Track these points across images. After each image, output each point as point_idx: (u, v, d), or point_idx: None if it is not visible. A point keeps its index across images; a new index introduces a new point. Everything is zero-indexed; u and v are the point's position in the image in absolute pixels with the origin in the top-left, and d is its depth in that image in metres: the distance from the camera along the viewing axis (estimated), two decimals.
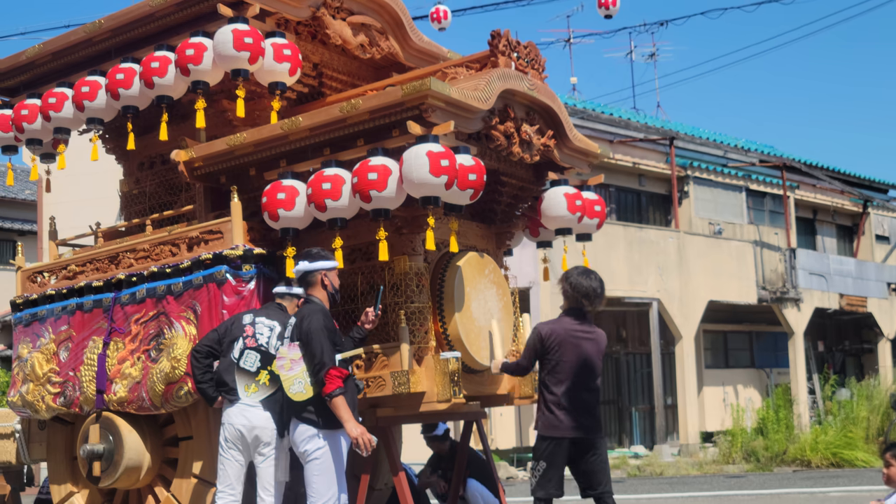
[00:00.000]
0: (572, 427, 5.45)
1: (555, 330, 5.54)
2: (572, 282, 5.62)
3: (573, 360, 5.49)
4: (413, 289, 5.70)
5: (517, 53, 6.03)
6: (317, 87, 6.84)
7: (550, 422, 5.48)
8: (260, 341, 5.51)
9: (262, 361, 5.48)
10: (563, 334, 5.52)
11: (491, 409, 15.31)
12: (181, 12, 6.22)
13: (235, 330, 5.57)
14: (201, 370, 5.59)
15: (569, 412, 5.45)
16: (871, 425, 17.83)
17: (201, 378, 5.59)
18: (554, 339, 5.50)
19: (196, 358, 5.61)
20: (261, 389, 5.47)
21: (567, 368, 5.49)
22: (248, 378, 5.49)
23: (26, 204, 24.05)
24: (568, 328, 5.55)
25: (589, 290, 5.59)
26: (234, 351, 5.52)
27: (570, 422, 5.45)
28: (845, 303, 22.52)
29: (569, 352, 5.50)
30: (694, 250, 19.20)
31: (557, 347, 5.49)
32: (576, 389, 5.49)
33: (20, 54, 6.96)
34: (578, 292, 5.59)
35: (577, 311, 5.63)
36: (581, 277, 5.61)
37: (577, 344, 5.52)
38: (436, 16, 14.95)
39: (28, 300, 6.87)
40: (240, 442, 5.47)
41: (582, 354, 5.52)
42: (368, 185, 5.25)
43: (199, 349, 5.62)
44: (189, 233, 6.15)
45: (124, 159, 7.12)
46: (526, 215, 6.71)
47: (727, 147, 22.19)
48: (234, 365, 5.51)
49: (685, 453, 18.06)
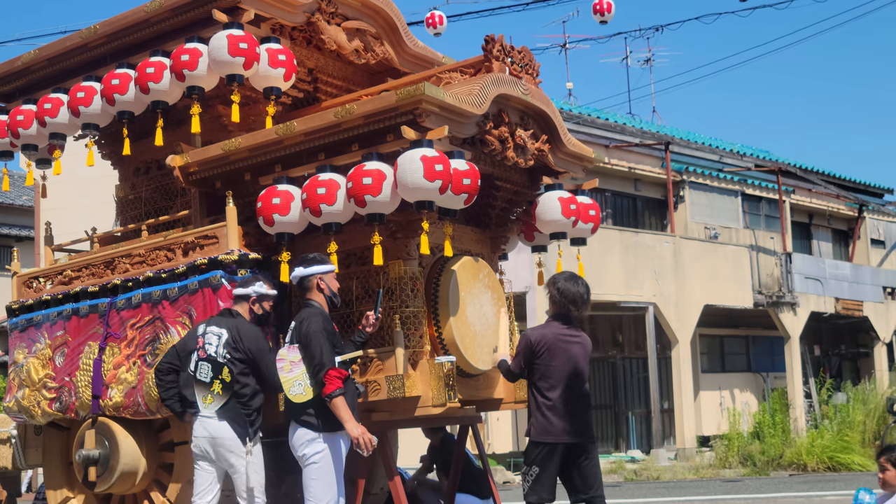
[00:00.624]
0: (565, 431, 5.46)
1: (544, 335, 5.56)
2: (560, 287, 5.65)
3: (563, 364, 5.52)
4: (408, 293, 5.71)
5: (511, 58, 6.05)
6: (312, 92, 6.86)
7: (543, 427, 5.49)
8: (209, 351, 5.50)
9: (213, 371, 5.48)
10: (552, 339, 5.54)
11: (488, 414, 15.32)
12: (176, 18, 6.24)
13: (190, 342, 5.60)
14: (164, 387, 5.64)
15: (561, 417, 5.47)
16: (868, 429, 17.85)
17: (165, 395, 5.64)
18: (543, 344, 5.52)
19: (158, 377, 5.66)
20: (216, 399, 5.48)
21: (557, 373, 5.51)
22: (204, 389, 5.50)
23: (23, 210, 24.04)
24: (557, 333, 5.58)
25: (576, 295, 5.63)
26: (191, 364, 5.56)
27: (562, 426, 5.47)
28: (841, 307, 22.56)
29: (558, 356, 5.52)
30: (690, 255, 19.22)
31: (547, 352, 5.51)
32: (567, 394, 5.51)
33: (16, 60, 6.98)
34: (566, 298, 5.63)
35: (564, 317, 5.67)
36: (568, 283, 5.65)
37: (566, 348, 5.55)
38: (431, 21, 14.98)
39: (24, 305, 6.88)
40: (206, 453, 5.50)
41: (571, 359, 5.55)
42: (363, 190, 5.27)
43: (160, 367, 5.67)
44: (184, 238, 6.16)
45: (120, 165, 7.13)
46: (521, 220, 6.73)
47: (723, 152, 22.23)
48: (192, 378, 5.54)
49: (682, 457, 18.07)
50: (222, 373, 5.45)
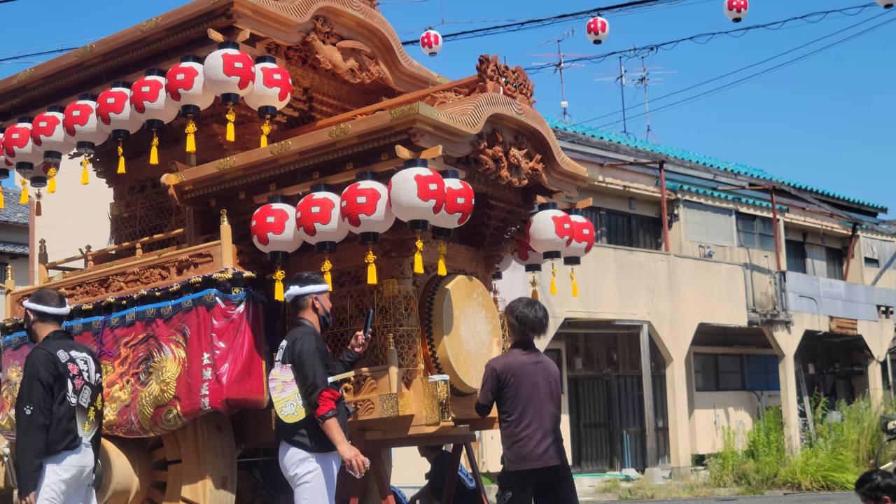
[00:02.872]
0: (538, 457, 5.43)
1: (508, 363, 5.53)
2: (518, 314, 5.64)
3: (529, 390, 5.48)
4: (402, 312, 5.72)
5: (505, 78, 6.08)
6: (307, 111, 6.88)
7: (516, 455, 5.45)
8: (85, 377, 5.36)
9: (92, 396, 5.38)
10: (516, 366, 5.51)
11: (481, 432, 15.30)
12: (172, 37, 6.26)
13: (62, 371, 5.26)
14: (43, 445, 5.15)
15: (532, 443, 5.43)
16: (862, 448, 17.85)
17: (41, 452, 5.13)
18: (508, 373, 5.49)
19: (39, 434, 5.13)
20: (91, 426, 5.38)
21: (524, 399, 5.48)
22: (83, 416, 5.33)
23: (18, 227, 24.00)
24: (520, 360, 5.55)
25: (535, 320, 5.61)
26: (69, 393, 5.23)
27: (535, 452, 5.43)
28: (835, 325, 22.58)
29: (524, 383, 5.48)
30: (684, 273, 19.25)
31: (513, 380, 5.48)
32: (536, 419, 5.47)
33: (11, 78, 6.99)
34: (525, 324, 5.62)
35: (525, 343, 5.64)
36: (526, 309, 5.63)
37: (531, 374, 5.52)
38: (426, 41, 15.05)
39: (17, 323, 6.86)
40: (73, 486, 5.26)
41: (536, 384, 5.51)
42: (357, 209, 5.28)
43: (41, 423, 5.13)
44: (179, 256, 6.16)
45: (115, 183, 7.13)
46: (514, 238, 6.75)
47: (717, 170, 22.29)
48: (73, 408, 5.25)
49: (676, 476, 18.04)
50: (97, 399, 5.37)
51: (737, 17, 13.28)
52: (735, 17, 13.28)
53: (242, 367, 5.72)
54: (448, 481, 6.82)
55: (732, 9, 13.24)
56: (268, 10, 6.15)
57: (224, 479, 5.85)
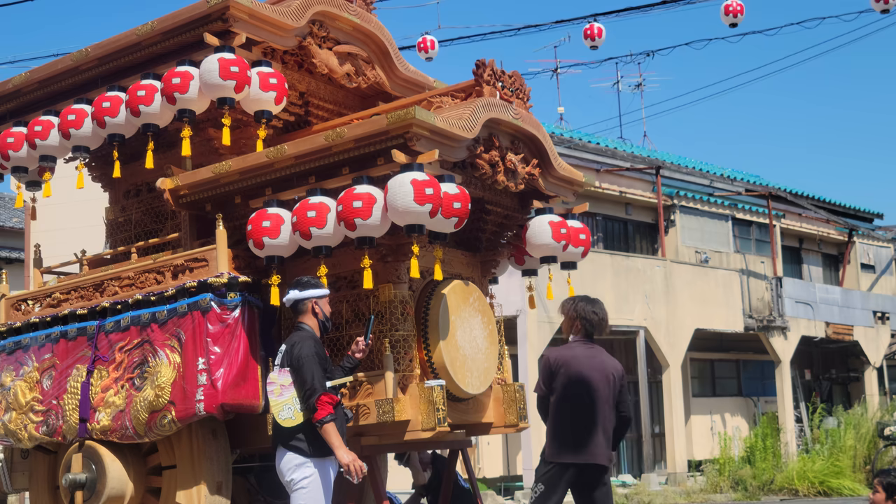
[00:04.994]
0: (576, 452, 5.43)
1: (561, 354, 5.59)
2: (579, 309, 5.70)
3: (578, 383, 5.52)
4: (398, 317, 5.70)
5: (502, 83, 6.07)
6: (303, 115, 6.87)
7: (556, 446, 5.48)
8: None
9: None
10: (569, 357, 5.58)
11: (478, 438, 15.27)
12: (167, 41, 6.25)
13: None
14: None
15: (574, 437, 5.45)
16: (859, 454, 17.83)
17: None
18: (560, 364, 5.55)
19: None
20: None
21: (572, 391, 5.51)
22: None
23: (12, 232, 23.95)
24: (575, 352, 5.60)
25: (601, 321, 5.73)
26: None
27: (574, 447, 5.44)
28: (832, 331, 22.58)
29: (574, 374, 5.53)
30: (680, 279, 19.24)
31: (563, 370, 5.52)
32: (583, 415, 5.49)
33: (6, 82, 6.97)
34: (587, 322, 5.68)
35: (586, 337, 5.72)
36: (588, 304, 5.74)
37: (583, 366, 5.55)
38: (423, 46, 15.02)
39: (12, 328, 6.84)
40: None
41: (589, 377, 5.54)
42: (353, 214, 5.27)
43: None
44: (174, 261, 6.14)
45: (110, 187, 7.11)
46: (511, 243, 6.73)
47: (713, 176, 22.30)
48: None
49: (673, 482, 18.01)
50: None
51: (733, 23, 13.29)
52: (731, 22, 13.29)
53: (238, 372, 5.71)
54: (444, 486, 6.79)
55: (729, 14, 13.25)
56: (264, 14, 6.13)
57: (219, 484, 5.83)
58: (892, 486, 5.17)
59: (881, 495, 5.26)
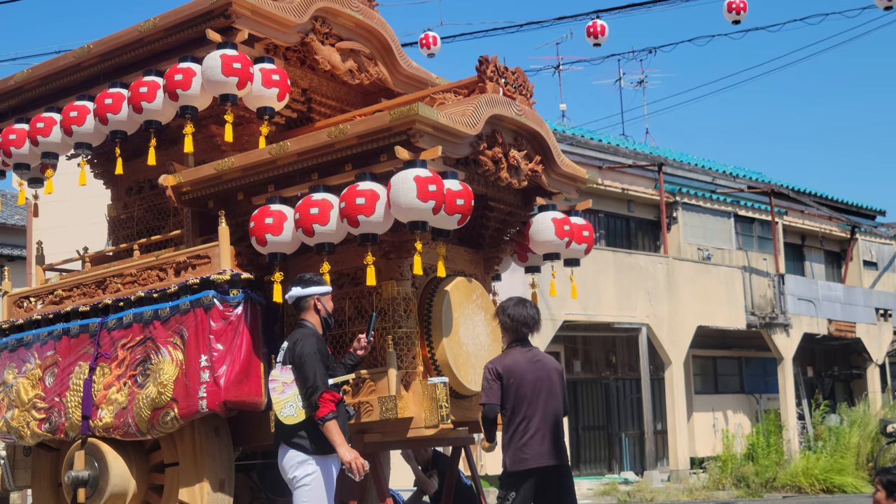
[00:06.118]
0: (539, 456, 5.38)
1: (508, 364, 5.48)
2: (510, 313, 5.59)
3: (529, 390, 5.44)
4: (401, 314, 5.69)
5: (505, 79, 6.06)
6: (305, 112, 6.86)
7: (516, 456, 5.41)
8: None
9: None
10: (515, 366, 5.46)
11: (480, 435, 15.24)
12: (170, 38, 6.24)
13: None
14: None
15: (534, 442, 5.39)
16: (861, 451, 17.82)
17: None
18: (509, 373, 5.44)
19: None
20: None
21: (524, 399, 5.43)
22: None
23: (15, 229, 23.97)
24: (518, 359, 5.51)
25: (528, 318, 5.56)
26: None
27: (536, 451, 5.38)
28: (834, 328, 22.57)
29: (524, 381, 5.44)
30: (683, 276, 19.23)
31: (512, 380, 5.44)
32: (538, 417, 5.42)
33: (8, 79, 6.96)
34: (518, 322, 5.57)
35: (521, 341, 5.60)
36: (517, 307, 5.58)
37: (529, 372, 5.48)
38: (425, 42, 15.03)
39: (14, 325, 6.83)
40: None
41: (535, 382, 5.47)
42: (356, 210, 5.26)
43: None
44: (176, 258, 6.13)
45: (112, 184, 7.11)
46: (514, 240, 6.72)
47: (715, 173, 22.29)
48: None
49: (675, 479, 18.01)
50: None
51: (736, 20, 13.28)
52: (734, 19, 13.28)
53: (240, 370, 5.70)
54: (447, 483, 6.79)
55: (732, 11, 13.23)
56: (266, 10, 6.12)
57: (222, 481, 5.83)
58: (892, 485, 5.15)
59: (882, 493, 5.24)
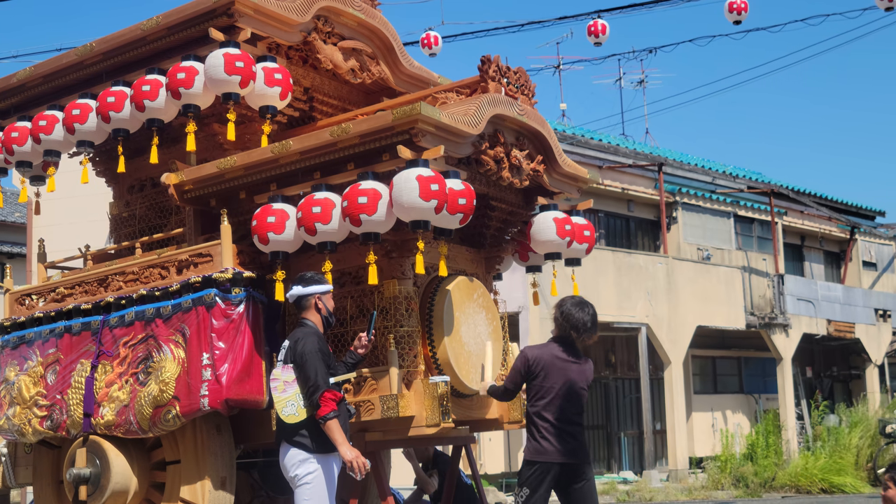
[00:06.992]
0: (559, 452, 5.43)
1: (541, 355, 5.52)
2: (564, 311, 5.58)
3: (559, 385, 5.47)
4: (402, 313, 5.70)
5: (507, 79, 6.07)
6: (307, 111, 6.87)
7: (537, 448, 5.45)
8: None
9: None
10: (548, 359, 5.49)
11: (480, 434, 15.27)
12: (172, 36, 6.25)
13: None
14: None
15: (556, 438, 5.43)
16: (861, 451, 17.83)
17: None
18: (539, 364, 5.48)
19: None
20: None
21: (553, 394, 5.47)
22: None
23: (16, 226, 23.97)
24: (554, 354, 5.53)
25: (579, 321, 5.54)
26: None
27: (557, 447, 5.43)
28: (833, 329, 22.58)
29: (554, 377, 5.47)
30: (682, 276, 19.24)
31: (543, 372, 5.47)
32: (562, 415, 5.46)
33: (11, 77, 6.97)
34: (568, 322, 5.56)
35: (564, 339, 5.60)
36: (574, 308, 5.57)
37: (563, 370, 5.50)
38: (426, 41, 15.02)
39: (16, 323, 6.84)
40: None
41: (568, 381, 5.49)
42: (358, 209, 5.26)
43: None
44: (178, 256, 6.14)
45: (114, 182, 7.11)
46: (515, 240, 6.73)
47: (715, 173, 22.30)
48: None
49: (674, 479, 18.02)
50: None
51: (737, 20, 13.28)
52: (735, 19, 13.27)
53: (242, 368, 5.71)
54: (448, 482, 6.80)
55: (733, 11, 13.23)
56: (269, 9, 6.13)
57: (223, 479, 5.84)
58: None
59: (893, 490, 5.25)
